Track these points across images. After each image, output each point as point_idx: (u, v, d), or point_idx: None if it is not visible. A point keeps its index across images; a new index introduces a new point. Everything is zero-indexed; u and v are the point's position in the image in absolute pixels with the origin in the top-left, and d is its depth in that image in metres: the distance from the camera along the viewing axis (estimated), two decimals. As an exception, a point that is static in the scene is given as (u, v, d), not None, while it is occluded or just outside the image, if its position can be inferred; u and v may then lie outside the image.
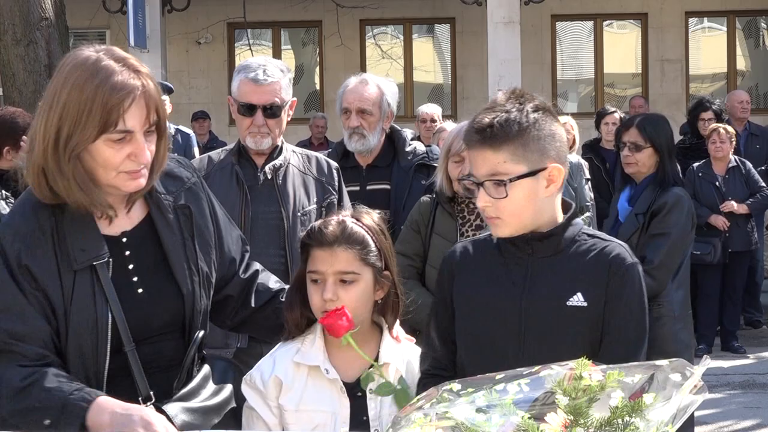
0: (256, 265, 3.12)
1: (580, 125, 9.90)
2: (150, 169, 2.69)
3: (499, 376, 2.17)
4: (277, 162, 4.28)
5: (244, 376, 2.87)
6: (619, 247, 2.73)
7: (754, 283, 10.66)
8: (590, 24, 16.53)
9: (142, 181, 2.67)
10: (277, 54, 15.98)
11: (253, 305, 3.06)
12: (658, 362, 2.14)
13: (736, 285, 10.07)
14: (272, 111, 4.22)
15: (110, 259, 2.66)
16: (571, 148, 8.28)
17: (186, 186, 2.87)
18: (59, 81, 2.62)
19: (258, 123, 4.22)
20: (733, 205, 9.77)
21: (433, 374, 2.80)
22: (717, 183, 9.90)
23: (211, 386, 2.87)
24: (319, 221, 2.90)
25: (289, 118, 4.35)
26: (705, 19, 16.73)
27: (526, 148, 2.60)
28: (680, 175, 5.53)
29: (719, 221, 9.75)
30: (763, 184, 10.03)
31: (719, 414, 7.72)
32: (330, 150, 5.25)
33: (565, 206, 2.77)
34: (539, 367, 2.17)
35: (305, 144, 12.68)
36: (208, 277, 2.85)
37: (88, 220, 2.67)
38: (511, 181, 2.59)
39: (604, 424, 2.03)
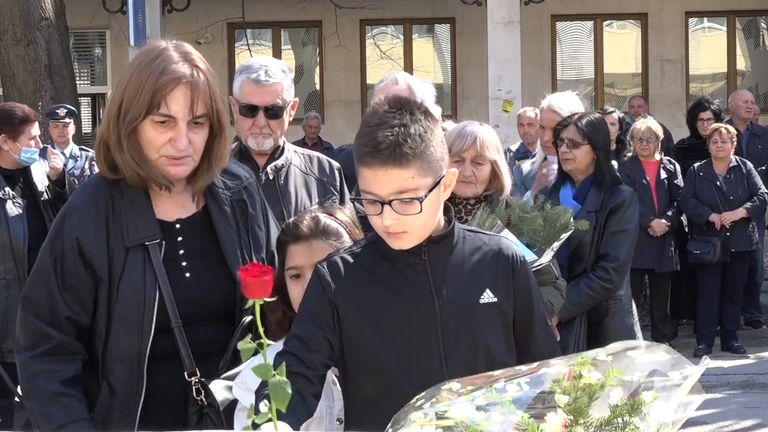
0: None
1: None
2: (202, 161, 2.81)
3: (496, 373, 2.18)
4: (279, 162, 4.28)
5: (235, 380, 2.86)
6: (505, 240, 2.78)
7: (754, 283, 10.66)
8: (590, 24, 16.53)
9: (184, 169, 2.78)
10: (276, 54, 15.98)
11: None
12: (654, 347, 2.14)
13: (736, 285, 10.08)
14: (274, 112, 4.22)
15: (162, 242, 2.79)
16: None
17: (243, 184, 2.99)
18: (130, 63, 2.84)
19: (260, 124, 4.22)
20: (733, 215, 9.78)
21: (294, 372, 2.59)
22: (718, 183, 9.90)
23: None
24: (292, 218, 2.92)
25: (290, 119, 4.36)
26: (705, 19, 16.73)
27: (429, 160, 2.55)
28: (617, 173, 5.72)
29: (718, 219, 9.76)
30: (763, 187, 10.02)
31: (719, 414, 7.72)
32: (345, 147, 5.27)
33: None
34: (537, 364, 2.17)
35: (299, 144, 12.64)
36: None
37: (144, 202, 2.81)
38: (425, 197, 2.54)
39: (604, 424, 2.03)
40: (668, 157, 10.31)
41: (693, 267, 10.02)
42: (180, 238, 2.85)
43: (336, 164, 4.46)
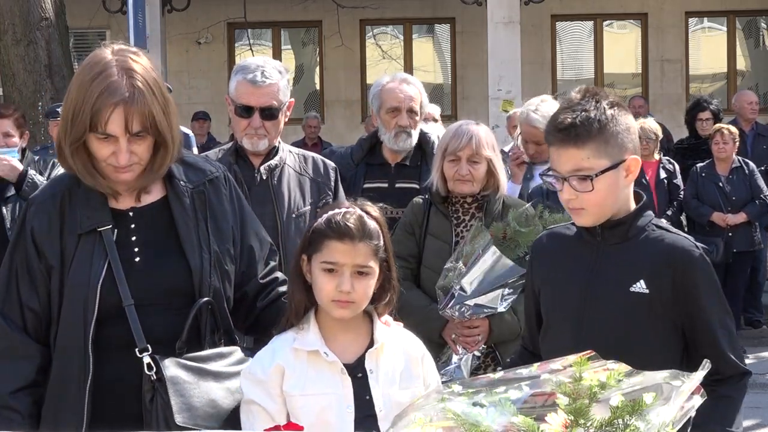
0: (279, 276, 3.18)
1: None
2: (149, 168, 2.91)
3: (497, 376, 2.18)
4: (273, 162, 4.28)
5: (242, 371, 2.90)
6: (684, 239, 2.87)
7: (756, 283, 10.66)
8: (590, 24, 16.53)
9: (131, 175, 2.90)
10: (277, 54, 15.98)
11: (258, 306, 3.13)
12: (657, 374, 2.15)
13: (737, 285, 10.07)
14: (270, 113, 4.22)
15: (115, 229, 2.90)
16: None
17: (208, 178, 3.05)
18: (75, 75, 2.96)
19: (255, 125, 4.21)
20: (734, 219, 9.78)
21: (521, 350, 3.16)
22: (720, 183, 9.90)
23: (224, 362, 2.95)
24: (335, 212, 2.91)
25: (286, 120, 4.36)
26: (705, 19, 16.73)
27: (607, 143, 2.77)
28: None
29: (720, 218, 9.76)
30: (765, 189, 10.02)
31: (719, 414, 7.71)
32: (353, 146, 5.28)
33: (637, 198, 2.92)
34: (537, 366, 2.17)
35: (299, 144, 12.66)
36: (220, 258, 2.98)
37: (98, 193, 2.93)
38: (597, 176, 2.75)
39: (605, 425, 2.03)
40: (667, 157, 10.31)
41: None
42: (132, 226, 2.95)
43: (331, 164, 4.45)
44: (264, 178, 4.25)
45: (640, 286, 2.79)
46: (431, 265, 4.53)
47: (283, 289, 3.14)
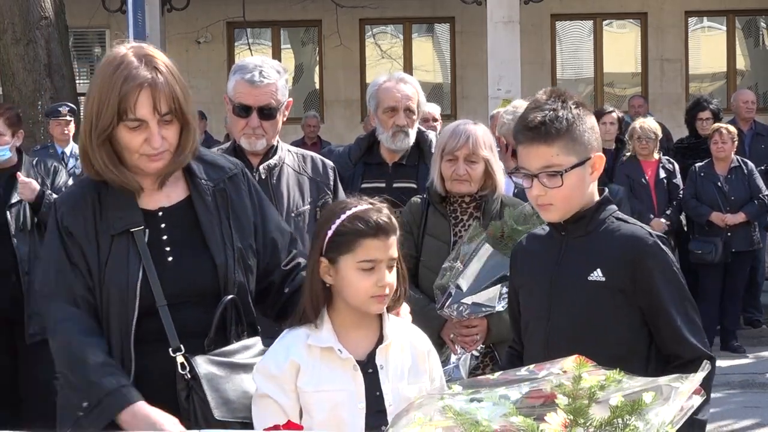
0: (301, 261, 3.25)
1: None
2: (176, 152, 3.01)
3: (496, 376, 2.18)
4: (272, 162, 4.28)
5: (255, 366, 2.94)
6: (639, 229, 2.95)
7: (755, 282, 10.66)
8: (590, 23, 16.52)
9: (162, 164, 2.99)
10: (276, 53, 15.98)
11: (285, 292, 3.21)
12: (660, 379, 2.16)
13: (737, 285, 10.07)
14: (268, 112, 4.22)
15: (147, 229, 2.98)
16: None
17: (228, 175, 3.14)
18: (95, 75, 3.03)
19: (253, 125, 4.21)
20: (733, 219, 9.78)
21: (510, 349, 3.26)
22: (719, 183, 9.90)
23: (250, 353, 3.04)
24: (359, 210, 2.93)
25: (284, 119, 4.35)
26: (705, 18, 16.73)
27: (574, 141, 2.90)
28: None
29: (719, 217, 9.76)
30: (764, 189, 10.02)
31: (718, 413, 7.72)
32: (351, 145, 5.28)
33: (601, 193, 3.03)
34: (535, 366, 2.17)
35: (298, 144, 12.66)
36: (243, 254, 3.08)
37: (128, 194, 3.01)
38: (566, 171, 2.88)
39: (604, 424, 2.03)
40: (667, 157, 10.31)
41: (694, 266, 10.02)
42: (163, 225, 3.03)
43: (330, 163, 4.45)
44: (263, 177, 4.25)
45: (597, 275, 2.88)
46: (430, 264, 4.53)
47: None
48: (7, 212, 5.78)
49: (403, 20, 16.53)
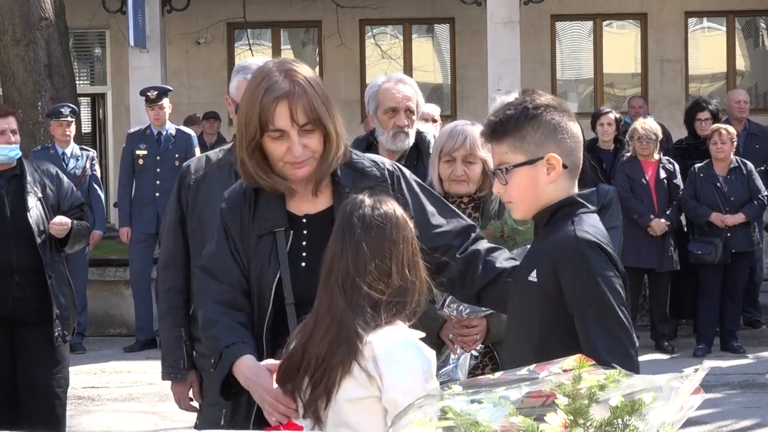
0: (481, 246, 3.38)
1: (580, 125, 9.89)
2: (320, 159, 3.17)
3: (496, 376, 2.19)
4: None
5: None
6: (572, 232, 2.86)
7: (753, 282, 10.66)
8: (590, 24, 16.53)
9: (307, 170, 3.16)
10: (276, 54, 15.97)
11: (479, 281, 3.34)
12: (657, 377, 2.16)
13: (737, 285, 10.07)
14: None
15: (291, 232, 3.20)
16: None
17: (373, 183, 3.24)
18: (245, 89, 3.25)
19: None
20: (733, 220, 9.79)
21: None
22: (718, 183, 9.90)
23: None
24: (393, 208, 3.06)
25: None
26: (704, 19, 16.74)
27: (523, 139, 2.91)
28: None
29: (719, 218, 9.77)
30: (763, 190, 10.01)
31: (718, 414, 7.73)
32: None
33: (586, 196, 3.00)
34: (536, 366, 2.17)
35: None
36: None
37: (279, 198, 3.22)
38: (508, 169, 2.92)
39: (604, 425, 2.03)
40: (667, 157, 10.32)
41: (693, 267, 10.02)
42: (305, 231, 3.23)
43: None
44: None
45: (533, 276, 2.89)
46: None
47: (501, 261, 3.35)
48: (28, 217, 5.76)
49: (403, 21, 16.54)
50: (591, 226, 2.87)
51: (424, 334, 2.98)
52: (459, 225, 3.39)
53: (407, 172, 3.41)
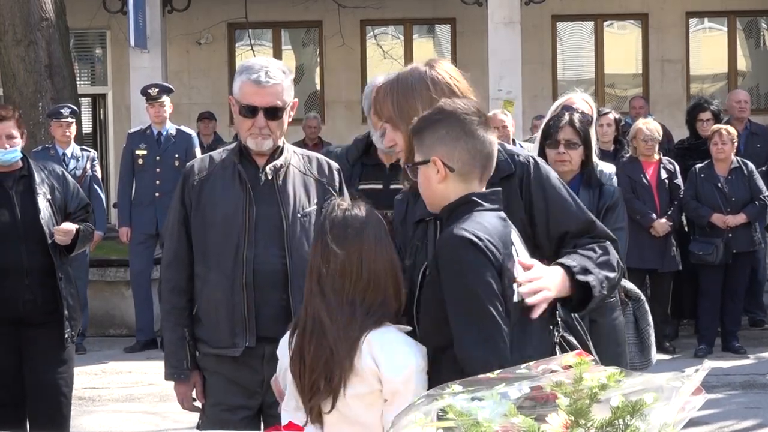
0: (584, 242, 3.35)
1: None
2: None
3: (495, 375, 2.18)
4: (278, 162, 4.28)
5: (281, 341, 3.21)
6: (454, 230, 3.00)
7: (756, 282, 10.65)
8: (591, 24, 16.53)
9: None
10: (277, 54, 15.98)
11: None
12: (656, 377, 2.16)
13: (738, 285, 10.06)
14: (274, 113, 4.22)
15: (437, 222, 3.26)
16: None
17: (500, 176, 3.31)
18: None
19: (259, 125, 4.21)
20: (734, 220, 9.78)
21: None
22: (719, 184, 9.89)
23: None
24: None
25: (290, 120, 4.36)
26: (705, 19, 16.73)
27: (421, 142, 3.17)
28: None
29: (720, 219, 9.76)
30: (764, 190, 10.00)
31: (719, 414, 7.72)
32: (349, 146, 5.26)
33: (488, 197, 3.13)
34: (534, 364, 2.17)
35: (299, 145, 12.62)
36: None
37: None
38: (410, 166, 3.22)
39: (605, 425, 2.03)
40: (668, 158, 10.31)
41: (694, 267, 10.01)
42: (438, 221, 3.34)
43: (335, 165, 4.45)
44: (269, 177, 4.25)
45: (427, 271, 3.09)
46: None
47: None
48: (41, 219, 5.74)
49: (404, 21, 16.54)
50: (477, 223, 3.00)
51: (410, 328, 3.11)
52: (579, 221, 3.38)
53: (542, 163, 3.45)
